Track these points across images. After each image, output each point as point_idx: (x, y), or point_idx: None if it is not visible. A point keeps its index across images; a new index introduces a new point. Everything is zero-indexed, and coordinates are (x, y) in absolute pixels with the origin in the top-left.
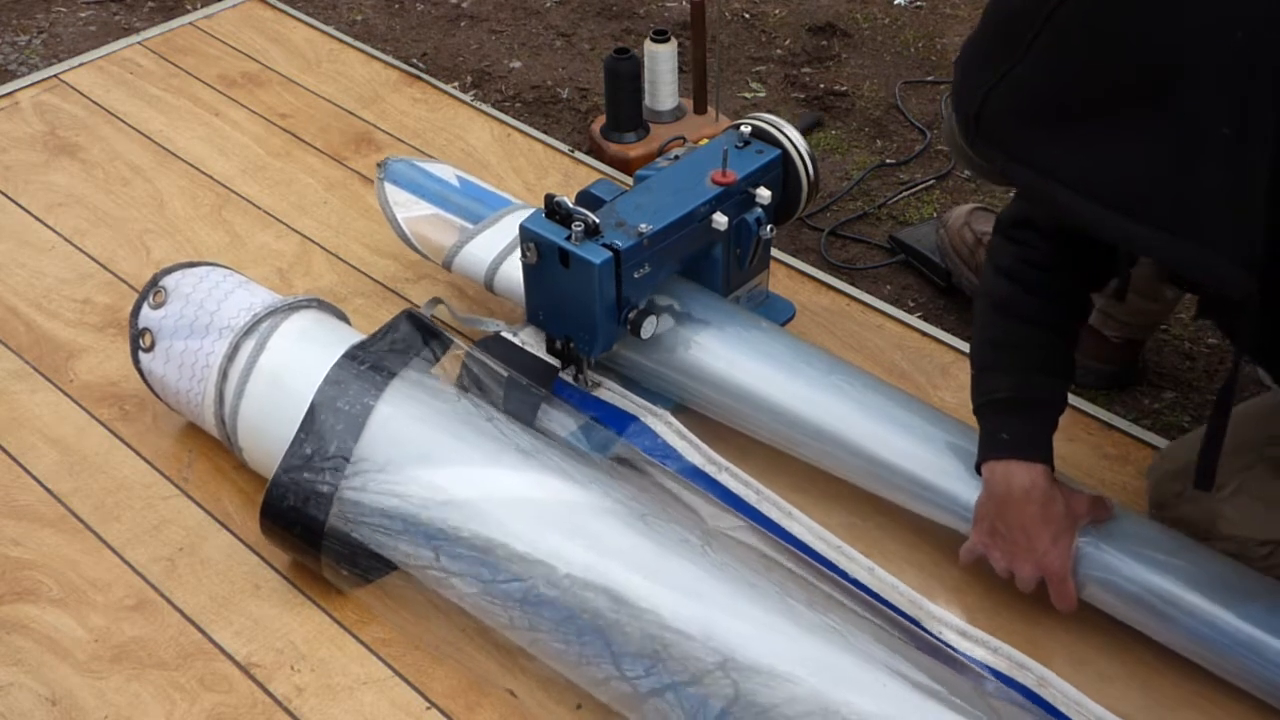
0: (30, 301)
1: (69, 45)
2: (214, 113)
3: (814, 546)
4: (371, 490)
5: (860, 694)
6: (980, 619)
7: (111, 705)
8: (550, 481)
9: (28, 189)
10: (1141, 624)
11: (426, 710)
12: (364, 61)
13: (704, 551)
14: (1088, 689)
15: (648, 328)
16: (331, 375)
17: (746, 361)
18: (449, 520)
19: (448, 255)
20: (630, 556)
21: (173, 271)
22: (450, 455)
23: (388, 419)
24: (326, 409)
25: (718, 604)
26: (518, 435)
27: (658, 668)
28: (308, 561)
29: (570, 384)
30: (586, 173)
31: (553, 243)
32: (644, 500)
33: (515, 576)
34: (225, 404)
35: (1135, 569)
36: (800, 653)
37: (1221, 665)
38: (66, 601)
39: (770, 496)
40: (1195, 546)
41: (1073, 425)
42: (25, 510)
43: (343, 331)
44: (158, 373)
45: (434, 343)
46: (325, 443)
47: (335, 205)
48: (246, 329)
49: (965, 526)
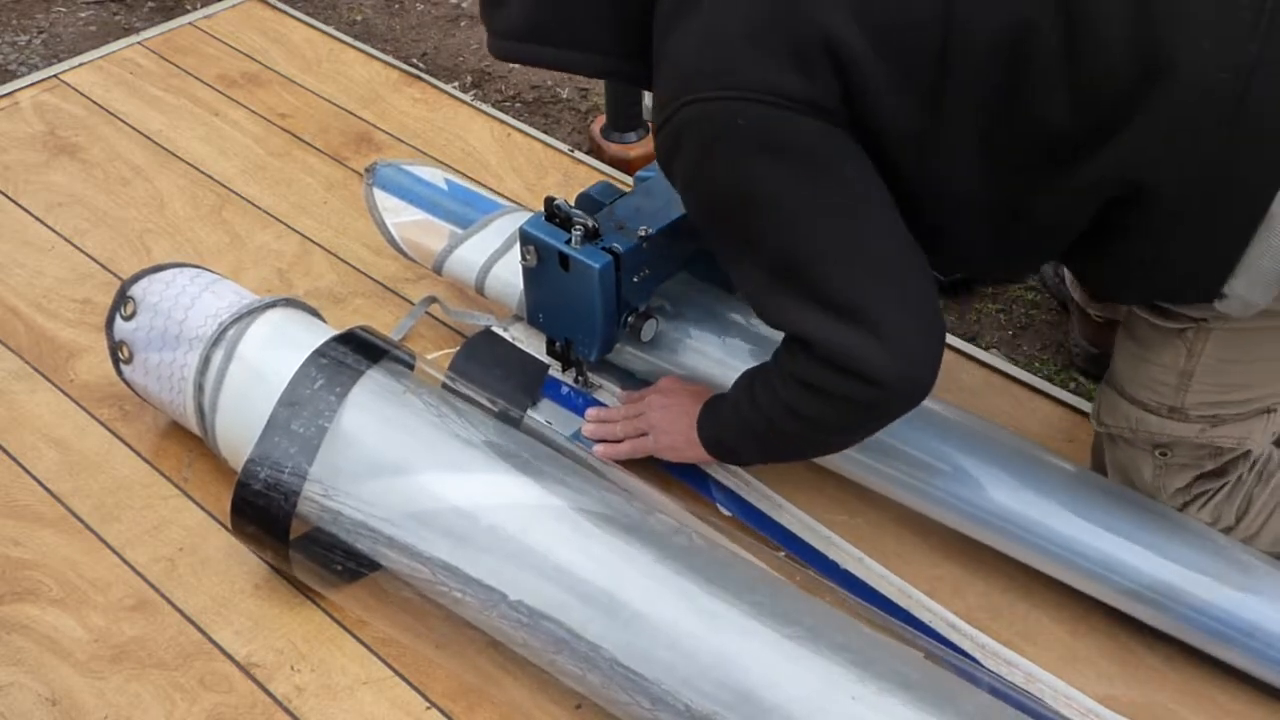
0: (30, 301)
1: (69, 45)
2: (214, 113)
3: (803, 537)
4: (332, 500)
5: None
6: (981, 619)
7: (111, 705)
8: (510, 484)
9: (28, 189)
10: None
11: (426, 710)
12: (364, 61)
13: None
14: (1084, 687)
15: (648, 331)
16: (285, 396)
17: (742, 365)
18: (413, 533)
19: (437, 260)
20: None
21: (139, 279)
22: (411, 462)
23: (344, 431)
24: (279, 430)
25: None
26: (469, 431)
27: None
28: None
29: (561, 380)
30: (586, 173)
31: (552, 246)
32: (602, 498)
33: (477, 596)
34: (205, 417)
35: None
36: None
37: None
38: (66, 601)
39: (760, 488)
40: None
41: (1073, 426)
42: (25, 510)
43: (306, 333)
44: (140, 384)
45: (385, 359)
46: (280, 462)
47: (335, 205)
48: (214, 339)
49: (955, 519)
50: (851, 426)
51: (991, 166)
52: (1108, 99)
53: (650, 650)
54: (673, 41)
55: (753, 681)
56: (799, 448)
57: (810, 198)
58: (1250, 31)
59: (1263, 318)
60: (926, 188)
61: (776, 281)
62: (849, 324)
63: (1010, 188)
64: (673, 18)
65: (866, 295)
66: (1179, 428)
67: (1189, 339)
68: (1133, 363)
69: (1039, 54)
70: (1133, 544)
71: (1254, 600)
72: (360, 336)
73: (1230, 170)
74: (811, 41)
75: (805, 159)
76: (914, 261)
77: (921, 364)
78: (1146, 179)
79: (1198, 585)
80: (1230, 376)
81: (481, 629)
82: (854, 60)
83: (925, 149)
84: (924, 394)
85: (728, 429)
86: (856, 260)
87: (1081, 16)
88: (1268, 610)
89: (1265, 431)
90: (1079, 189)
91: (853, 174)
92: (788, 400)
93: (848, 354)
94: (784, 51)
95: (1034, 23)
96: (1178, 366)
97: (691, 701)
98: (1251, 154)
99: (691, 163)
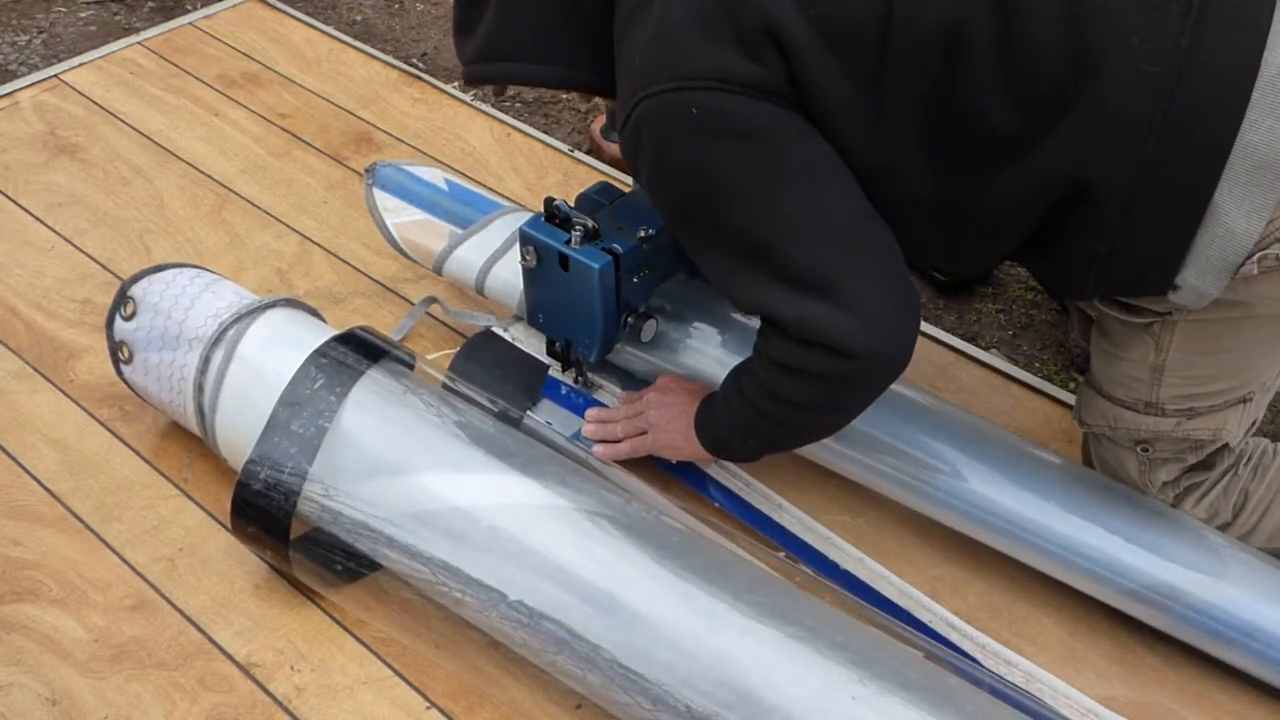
0: (30, 301)
1: (69, 45)
2: (214, 113)
3: (803, 537)
4: (332, 500)
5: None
6: (981, 619)
7: (111, 705)
8: (511, 484)
9: (28, 189)
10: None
11: (426, 710)
12: (364, 61)
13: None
14: (1084, 687)
15: (648, 331)
16: (285, 396)
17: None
18: (413, 534)
19: (438, 260)
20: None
21: (139, 279)
22: (411, 462)
23: (344, 431)
24: (279, 430)
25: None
26: (469, 431)
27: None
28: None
29: (561, 380)
30: (586, 173)
31: (552, 247)
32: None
33: (477, 596)
34: (205, 417)
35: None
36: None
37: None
38: (66, 601)
39: (760, 488)
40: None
41: (1073, 426)
42: (25, 510)
43: (306, 333)
44: (140, 384)
45: (385, 359)
46: (280, 462)
47: (335, 205)
48: (214, 339)
49: (955, 519)
50: (834, 405)
51: (937, 163)
52: (1043, 96)
53: (650, 650)
54: (627, 43)
55: (753, 681)
56: (790, 434)
57: (769, 177)
58: (1179, 26)
59: (1224, 308)
60: (875, 183)
61: (744, 264)
62: (817, 298)
63: (956, 185)
64: (628, 23)
65: (831, 268)
66: (1156, 422)
67: (1156, 333)
68: (1107, 360)
69: (974, 50)
70: (1133, 544)
71: (1254, 600)
72: (360, 336)
73: (1171, 163)
74: (756, 28)
75: (760, 140)
76: (879, 234)
77: (893, 334)
78: (1089, 175)
79: (1198, 585)
80: (1200, 368)
81: (481, 629)
82: (797, 48)
83: (871, 141)
84: (900, 366)
85: (721, 425)
86: (820, 235)
87: (1015, 15)
88: (1267, 610)
89: (1241, 422)
90: (1024, 187)
91: (809, 151)
92: (768, 385)
93: (818, 328)
94: (730, 38)
95: (968, 19)
96: (1148, 361)
97: (692, 702)
98: (1189, 146)
99: (651, 156)
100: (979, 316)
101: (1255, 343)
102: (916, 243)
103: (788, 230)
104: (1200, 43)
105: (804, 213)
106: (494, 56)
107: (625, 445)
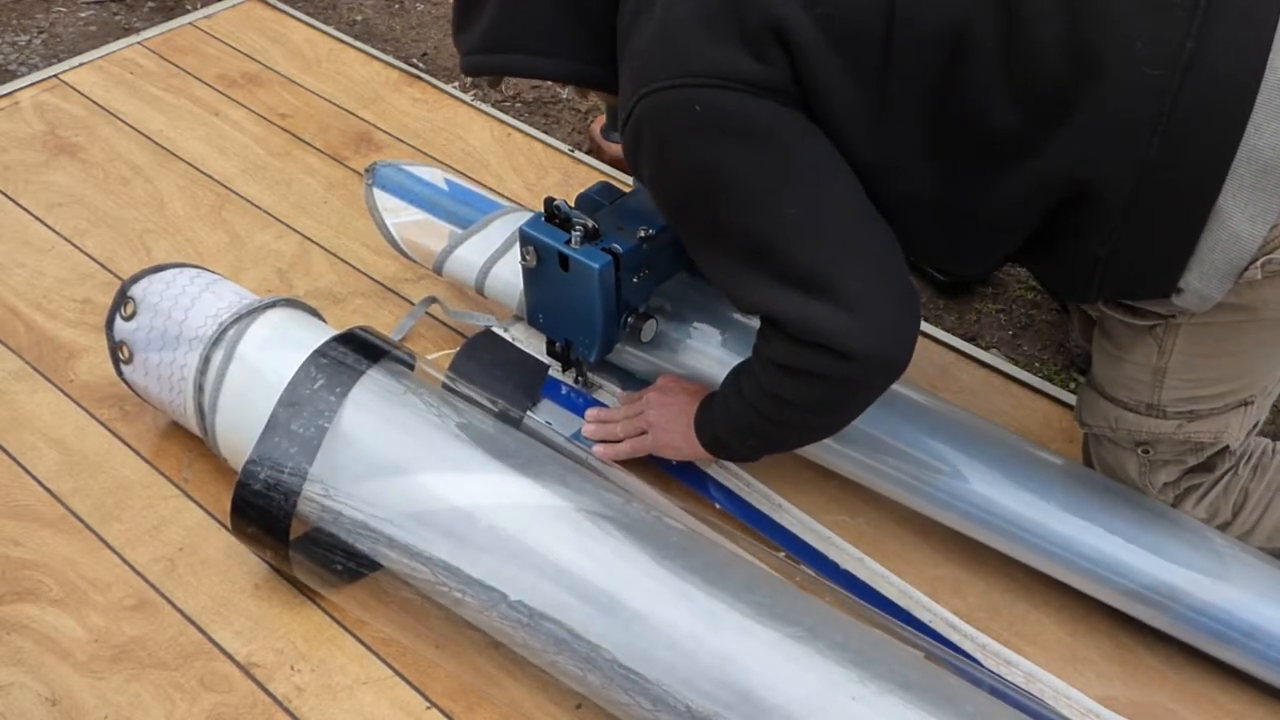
0: (30, 301)
1: (69, 45)
2: (214, 113)
3: (803, 537)
4: (332, 500)
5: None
6: (981, 619)
7: (111, 705)
8: (511, 484)
9: (28, 189)
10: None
11: (426, 710)
12: (364, 61)
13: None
14: (1084, 687)
15: (648, 331)
16: (285, 396)
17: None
18: (413, 533)
19: (438, 260)
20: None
21: (139, 279)
22: (411, 462)
23: (344, 431)
24: (279, 430)
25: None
26: (470, 431)
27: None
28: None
29: (561, 380)
30: (586, 173)
31: (552, 247)
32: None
33: (477, 596)
34: (205, 417)
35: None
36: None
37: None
38: (66, 601)
39: (760, 488)
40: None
41: (1073, 426)
42: (25, 510)
43: (306, 333)
44: (140, 384)
45: (385, 359)
46: (280, 462)
47: (335, 205)
48: (214, 339)
49: (955, 519)
50: (834, 405)
51: (938, 162)
52: (1044, 96)
53: (650, 650)
54: (631, 40)
55: (753, 681)
56: (789, 435)
57: (771, 175)
58: (1184, 30)
59: (1227, 311)
60: (877, 183)
61: (745, 263)
62: (817, 298)
63: (958, 185)
64: (631, 20)
65: (833, 269)
66: (1157, 424)
67: (1159, 336)
68: (1109, 362)
69: (976, 51)
70: (1133, 544)
71: (1254, 601)
72: (360, 336)
73: (1174, 165)
74: (761, 25)
75: (763, 138)
76: (880, 235)
77: (894, 335)
78: (1091, 177)
79: (1198, 585)
80: (1202, 371)
81: (481, 629)
82: (803, 47)
83: (874, 141)
84: (901, 366)
85: (721, 425)
86: (821, 235)
87: (1018, 16)
88: (1268, 611)
89: (1242, 425)
90: (1026, 189)
91: (812, 150)
92: (768, 386)
93: (818, 328)
94: (734, 36)
95: (971, 20)
96: (1151, 364)
97: (692, 702)
98: (1193, 149)
99: (653, 154)
100: (979, 316)
101: (1258, 346)
102: (918, 242)
103: (789, 230)
104: (1206, 45)
105: (806, 212)
106: (495, 48)
107: (625, 445)
